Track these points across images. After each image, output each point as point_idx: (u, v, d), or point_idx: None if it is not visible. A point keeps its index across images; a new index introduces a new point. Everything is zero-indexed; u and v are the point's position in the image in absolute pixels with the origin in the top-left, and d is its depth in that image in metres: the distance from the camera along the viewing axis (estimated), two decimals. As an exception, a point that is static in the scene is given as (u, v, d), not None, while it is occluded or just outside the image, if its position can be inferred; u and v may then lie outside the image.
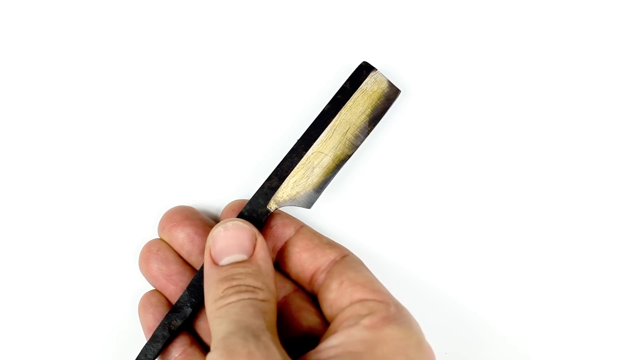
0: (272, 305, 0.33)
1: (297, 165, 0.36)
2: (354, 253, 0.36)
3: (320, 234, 0.37)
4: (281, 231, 0.37)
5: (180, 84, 0.39)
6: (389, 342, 0.31)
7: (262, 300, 0.33)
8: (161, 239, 0.38)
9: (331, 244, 0.36)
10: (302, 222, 0.37)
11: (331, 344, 0.32)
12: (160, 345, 0.35)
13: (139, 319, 0.37)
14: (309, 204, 0.37)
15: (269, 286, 0.33)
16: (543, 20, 0.40)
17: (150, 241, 0.37)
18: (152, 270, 0.37)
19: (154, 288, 0.37)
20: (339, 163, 0.37)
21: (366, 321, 0.32)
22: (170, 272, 0.37)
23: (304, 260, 0.36)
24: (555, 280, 0.39)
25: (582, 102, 0.40)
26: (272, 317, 0.33)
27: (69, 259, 0.39)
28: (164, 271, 0.37)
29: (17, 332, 0.39)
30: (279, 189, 0.36)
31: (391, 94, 0.37)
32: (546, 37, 0.40)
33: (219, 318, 0.32)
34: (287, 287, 0.37)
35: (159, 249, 0.37)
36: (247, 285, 0.33)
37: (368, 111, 0.37)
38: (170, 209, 0.38)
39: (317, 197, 0.37)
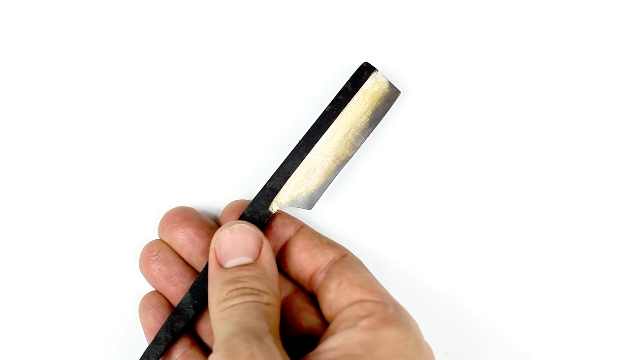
0: (276, 309, 0.33)
1: (299, 167, 0.36)
2: (354, 253, 0.36)
3: (320, 234, 0.37)
4: (281, 231, 0.37)
5: (180, 84, 0.39)
6: (388, 343, 0.31)
7: (267, 304, 0.32)
8: (161, 240, 0.37)
9: (330, 244, 0.36)
10: (302, 222, 0.37)
11: (330, 346, 0.32)
12: (163, 348, 0.35)
13: (139, 320, 0.37)
14: (310, 205, 0.37)
15: (274, 290, 0.33)
16: (542, 21, 0.40)
17: (150, 242, 0.37)
18: (153, 271, 0.37)
19: (154, 289, 0.37)
20: (340, 164, 0.37)
21: (364, 323, 0.32)
22: (170, 273, 0.37)
23: (303, 260, 0.36)
24: (555, 280, 0.39)
25: (580, 103, 0.39)
26: (276, 320, 0.33)
27: (69, 260, 0.39)
28: (165, 272, 0.37)
29: (17, 334, 0.39)
30: (281, 190, 0.36)
31: (391, 95, 0.37)
32: (545, 37, 0.40)
33: (222, 320, 0.32)
34: (287, 288, 0.37)
35: (160, 250, 0.37)
36: (252, 288, 0.33)
37: (369, 112, 0.37)
38: (170, 210, 0.38)
39: (318, 198, 0.37)
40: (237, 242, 0.34)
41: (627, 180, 0.39)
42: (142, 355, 0.35)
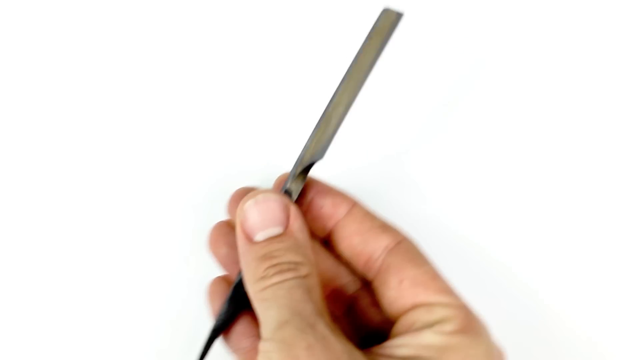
0: (315, 279, 0.31)
1: (320, 125, 0.33)
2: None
3: (372, 215, 0.34)
4: (332, 211, 0.34)
5: (178, 79, 0.39)
6: (458, 350, 0.30)
7: (305, 276, 0.31)
8: (229, 222, 0.36)
9: (384, 228, 0.34)
10: (353, 200, 0.35)
11: (400, 343, 0.31)
12: (227, 316, 0.34)
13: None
14: (322, 154, 0.34)
15: (309, 258, 0.32)
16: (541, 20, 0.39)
17: (217, 223, 0.36)
18: (221, 254, 0.36)
19: (219, 275, 0.36)
20: (349, 106, 0.34)
21: (435, 328, 0.31)
22: (237, 258, 0.35)
23: (355, 246, 0.34)
24: (555, 280, 0.39)
25: (581, 102, 0.40)
26: (318, 292, 0.31)
27: (65, 261, 0.39)
28: (233, 257, 0.35)
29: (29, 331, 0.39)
30: (306, 152, 0.34)
31: (395, 21, 0.33)
32: (544, 36, 0.39)
33: (265, 301, 0.31)
34: (342, 274, 0.35)
35: (229, 233, 0.36)
36: (288, 263, 0.31)
37: (377, 46, 0.33)
38: (238, 189, 0.36)
39: (329, 145, 0.34)
40: (264, 213, 0.32)
41: (626, 180, 0.40)
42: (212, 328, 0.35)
